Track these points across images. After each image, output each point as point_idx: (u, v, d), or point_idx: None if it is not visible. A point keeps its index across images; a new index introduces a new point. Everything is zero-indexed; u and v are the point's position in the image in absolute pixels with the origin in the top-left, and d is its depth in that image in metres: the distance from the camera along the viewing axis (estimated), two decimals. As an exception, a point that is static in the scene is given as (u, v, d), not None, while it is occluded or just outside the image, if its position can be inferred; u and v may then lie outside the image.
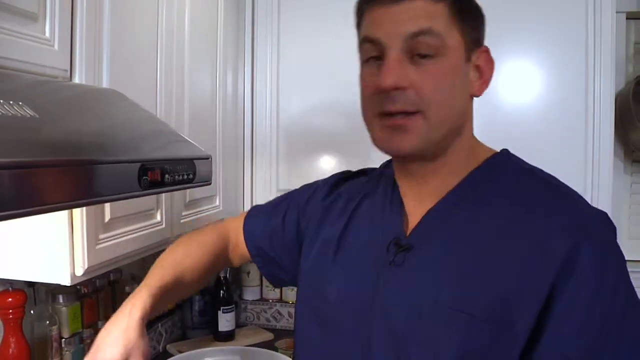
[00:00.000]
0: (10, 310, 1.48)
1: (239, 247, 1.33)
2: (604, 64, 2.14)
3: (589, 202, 2.14)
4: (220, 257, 1.31)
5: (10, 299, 1.48)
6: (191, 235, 1.34)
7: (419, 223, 0.99)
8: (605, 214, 0.93)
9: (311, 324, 1.10)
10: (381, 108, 0.92)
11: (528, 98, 2.20)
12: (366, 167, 1.27)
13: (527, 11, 2.17)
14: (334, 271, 1.08)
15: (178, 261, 1.24)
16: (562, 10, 2.15)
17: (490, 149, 1.04)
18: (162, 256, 1.27)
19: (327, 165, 2.34)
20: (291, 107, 2.37)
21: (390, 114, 0.91)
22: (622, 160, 2.65)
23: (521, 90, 2.20)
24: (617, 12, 2.19)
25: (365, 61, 0.97)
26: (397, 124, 0.91)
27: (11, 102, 0.72)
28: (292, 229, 1.25)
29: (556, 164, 2.10)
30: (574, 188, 2.14)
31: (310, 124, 2.33)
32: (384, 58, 0.91)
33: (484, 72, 0.98)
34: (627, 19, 2.55)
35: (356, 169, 1.28)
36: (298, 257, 1.20)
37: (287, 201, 1.31)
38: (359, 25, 1.00)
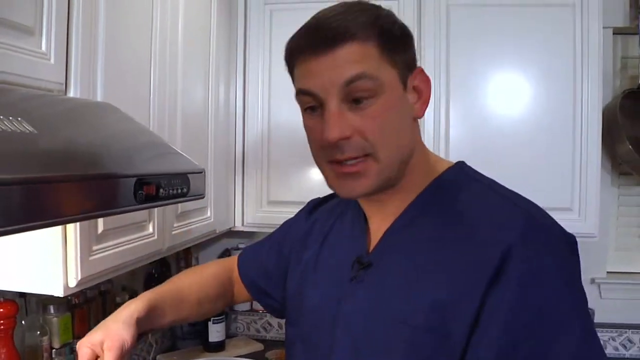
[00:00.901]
0: (2, 321, 1.48)
1: (240, 285, 1.37)
2: (592, 78, 2.18)
3: (577, 213, 2.18)
4: (225, 285, 1.35)
5: (1, 310, 1.48)
6: (197, 265, 1.40)
7: (379, 241, 1.02)
8: (556, 225, 0.92)
9: (296, 344, 1.13)
10: (331, 157, 0.93)
11: (517, 111, 2.23)
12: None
13: (516, 26, 2.21)
14: (310, 291, 1.11)
15: (181, 279, 1.32)
16: (550, 26, 2.19)
17: (446, 162, 1.05)
18: (166, 286, 1.30)
19: (318, 177, 2.31)
20: (282, 119, 2.38)
21: (340, 162, 0.93)
22: (609, 173, 2.68)
23: (510, 103, 2.23)
24: (604, 28, 2.23)
25: (304, 110, 0.97)
26: (349, 172, 0.93)
27: (10, 117, 0.73)
28: (275, 258, 1.29)
29: (544, 176, 2.15)
30: (562, 201, 2.16)
31: (301, 136, 2.30)
32: (323, 108, 0.92)
33: (423, 92, 0.98)
34: (614, 34, 2.59)
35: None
36: (283, 286, 1.24)
37: (273, 235, 1.37)
38: (291, 73, 1.00)
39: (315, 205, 1.28)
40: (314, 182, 2.34)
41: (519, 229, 0.88)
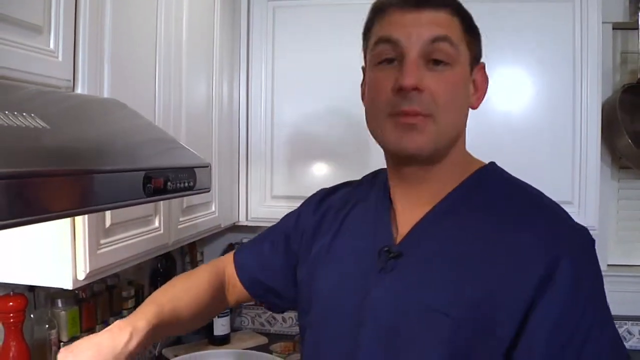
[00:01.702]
0: (11, 314, 1.50)
1: (234, 284, 1.33)
2: (591, 73, 2.20)
3: (577, 206, 2.19)
4: (218, 295, 1.30)
5: (11, 303, 1.50)
6: (188, 274, 1.33)
7: (410, 231, 1.02)
8: (586, 229, 0.96)
9: (307, 331, 1.14)
10: (397, 108, 0.94)
11: (517, 105, 2.25)
12: (359, 172, 1.30)
13: (515, 21, 2.23)
14: (325, 276, 1.11)
15: (176, 295, 1.23)
16: (550, 21, 2.21)
17: (479, 161, 1.07)
18: (159, 291, 1.26)
19: (320, 172, 2.38)
20: (285, 115, 2.41)
21: (403, 114, 0.94)
22: (609, 167, 2.70)
23: (509, 98, 2.25)
24: (603, 23, 2.26)
25: (377, 64, 0.98)
26: (412, 122, 0.93)
27: (24, 114, 0.76)
28: (282, 253, 1.27)
29: (544, 170, 2.17)
30: (562, 194, 2.18)
31: (303, 132, 2.37)
32: (401, 60, 0.94)
33: (480, 87, 1.03)
34: (613, 29, 2.61)
35: (347, 178, 1.31)
36: (291, 280, 1.24)
37: (273, 230, 1.34)
38: (369, 29, 1.02)
39: (324, 195, 1.27)
40: (317, 176, 2.37)
41: (564, 236, 0.93)
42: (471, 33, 1.00)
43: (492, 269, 0.91)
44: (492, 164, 1.07)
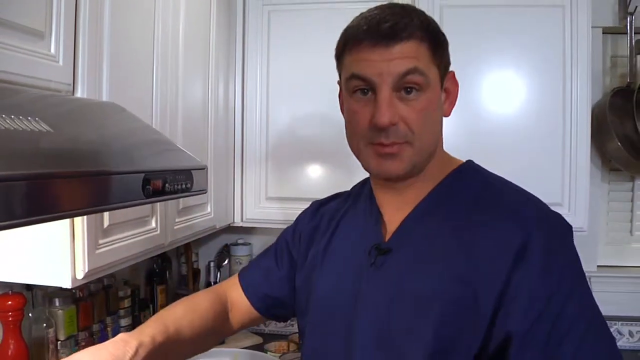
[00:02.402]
0: (10, 313, 1.53)
1: (239, 307, 1.34)
2: (581, 77, 2.23)
3: (567, 208, 2.23)
4: (221, 320, 1.30)
5: (10, 302, 1.53)
6: (189, 299, 1.31)
7: (397, 229, 1.09)
8: (560, 215, 1.03)
9: (306, 332, 1.20)
10: (375, 140, 1.01)
11: (508, 109, 2.28)
12: (351, 175, 1.34)
13: (506, 26, 2.26)
14: (320, 278, 1.18)
15: (180, 317, 1.21)
16: (540, 26, 2.24)
17: (457, 160, 1.15)
18: (163, 311, 1.24)
19: (315, 174, 2.40)
20: (280, 118, 2.43)
21: (383, 145, 1.01)
22: (599, 169, 2.73)
23: (501, 102, 2.28)
24: (593, 27, 2.29)
25: (352, 92, 1.04)
26: (389, 152, 1.01)
27: (29, 118, 0.79)
28: (286, 262, 1.32)
29: (535, 173, 2.21)
30: (552, 195, 2.21)
31: (298, 134, 2.40)
32: (375, 93, 1.00)
33: (451, 94, 1.10)
34: (603, 33, 2.64)
35: (340, 181, 1.36)
36: (294, 288, 1.29)
37: (273, 246, 1.38)
38: (341, 56, 1.07)
39: (319, 206, 1.34)
40: (312, 178, 2.40)
41: (534, 216, 1.00)
42: (439, 49, 1.03)
43: (470, 254, 0.99)
44: (469, 161, 1.14)
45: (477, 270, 0.97)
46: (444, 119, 1.10)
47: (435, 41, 1.02)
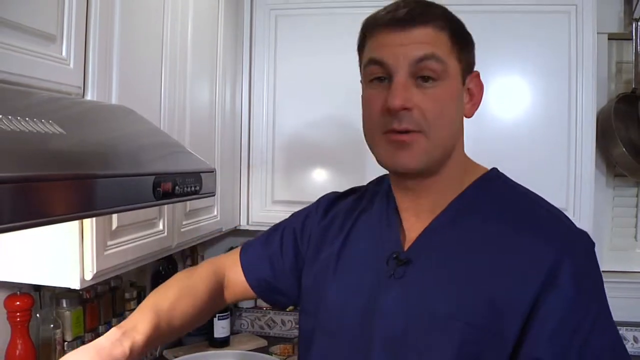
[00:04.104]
0: (18, 313, 1.55)
1: (235, 285, 1.32)
2: (586, 83, 2.24)
3: (572, 213, 2.23)
4: (215, 297, 1.29)
5: (18, 303, 1.54)
6: (186, 274, 1.31)
7: (418, 238, 1.05)
8: (586, 233, 1.00)
9: (314, 336, 1.16)
10: (388, 126, 0.98)
11: (513, 114, 2.30)
12: (358, 179, 1.33)
13: (512, 32, 2.27)
14: (334, 284, 1.13)
15: (174, 302, 1.19)
16: (546, 32, 2.26)
17: (481, 167, 1.10)
18: (156, 294, 1.22)
19: (321, 177, 2.42)
20: (286, 122, 2.45)
21: (395, 132, 0.98)
22: (604, 175, 2.74)
23: (507, 107, 2.29)
24: (599, 33, 2.30)
25: (369, 81, 1.02)
26: (402, 139, 0.97)
27: (43, 120, 0.80)
28: (290, 253, 1.28)
29: (540, 177, 2.21)
30: (558, 201, 2.22)
31: (304, 138, 2.41)
32: (390, 79, 0.98)
33: (474, 95, 1.06)
34: (609, 39, 2.66)
35: (347, 184, 1.34)
36: (297, 280, 1.26)
37: (280, 230, 1.33)
38: (362, 46, 1.06)
39: (332, 201, 1.29)
40: (317, 181, 2.41)
41: (566, 239, 0.97)
42: (461, 44, 1.02)
43: (497, 272, 0.95)
44: (495, 170, 1.10)
45: (504, 291, 0.93)
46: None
47: (457, 33, 1.01)
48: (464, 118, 1.07)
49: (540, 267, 0.92)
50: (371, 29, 1.02)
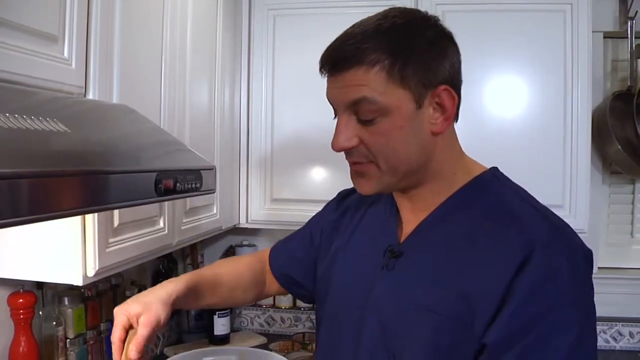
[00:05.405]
0: (21, 311, 1.56)
1: (270, 276, 1.44)
2: (581, 81, 2.26)
3: (568, 210, 2.24)
4: (259, 278, 1.42)
5: (21, 300, 1.56)
6: (232, 258, 1.45)
7: (411, 233, 1.08)
8: (578, 238, 0.98)
9: (321, 322, 1.23)
10: (345, 156, 1.05)
11: (509, 112, 2.31)
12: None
13: (508, 31, 2.29)
14: (341, 273, 1.19)
15: (219, 265, 1.41)
16: (542, 30, 2.27)
17: (479, 166, 1.10)
18: (204, 268, 1.38)
19: (319, 177, 2.43)
20: (285, 121, 2.46)
21: (351, 162, 1.05)
22: (600, 172, 2.76)
23: (502, 105, 2.31)
24: (594, 32, 2.32)
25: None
26: (355, 170, 1.05)
27: (48, 119, 0.82)
28: (307, 249, 1.36)
29: (536, 175, 2.23)
30: (553, 197, 2.22)
31: (303, 137, 2.43)
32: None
33: (447, 109, 1.00)
34: (604, 37, 2.68)
35: (345, 183, 1.36)
36: (313, 274, 1.32)
37: (303, 228, 1.43)
38: None
39: (345, 195, 1.35)
40: (316, 180, 2.43)
41: (545, 234, 0.95)
42: (406, 71, 0.95)
43: (473, 267, 0.96)
44: (493, 169, 1.10)
45: (478, 285, 0.94)
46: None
47: (399, 61, 0.94)
48: (454, 124, 1.06)
49: (513, 261, 0.92)
50: (321, 69, 1.05)
